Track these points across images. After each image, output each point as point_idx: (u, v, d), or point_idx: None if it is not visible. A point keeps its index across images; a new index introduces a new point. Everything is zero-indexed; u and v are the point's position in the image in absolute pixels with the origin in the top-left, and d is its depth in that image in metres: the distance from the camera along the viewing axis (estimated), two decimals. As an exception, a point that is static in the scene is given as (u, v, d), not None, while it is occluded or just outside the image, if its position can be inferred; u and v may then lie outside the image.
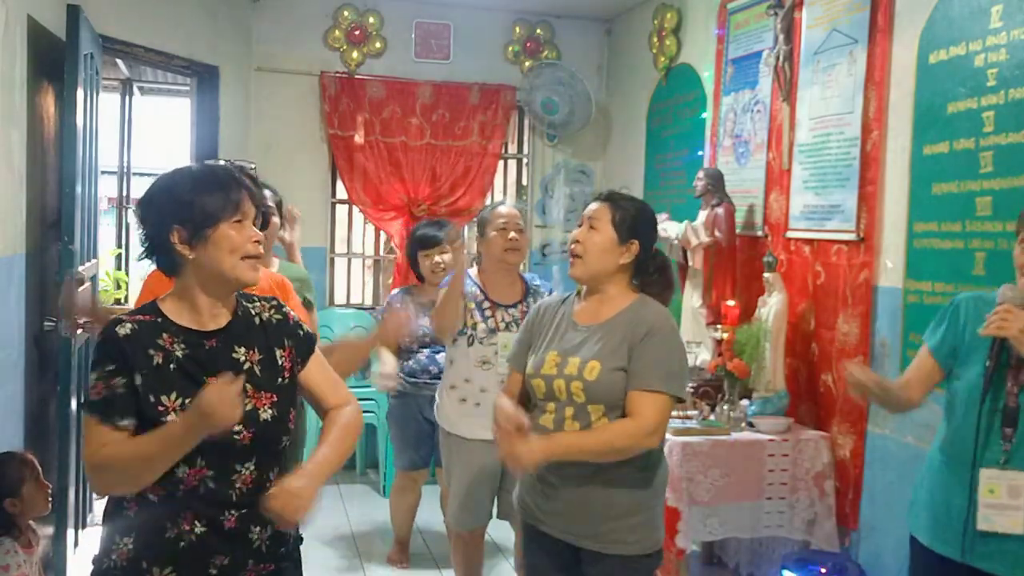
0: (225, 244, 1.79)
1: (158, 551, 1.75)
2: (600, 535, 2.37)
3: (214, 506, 1.78)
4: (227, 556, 1.79)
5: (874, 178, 3.53)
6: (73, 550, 3.89)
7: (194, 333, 1.81)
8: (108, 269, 7.12)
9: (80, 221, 3.81)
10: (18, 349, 3.42)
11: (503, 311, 3.39)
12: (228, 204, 1.80)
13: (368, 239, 6.32)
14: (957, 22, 3.15)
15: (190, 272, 1.82)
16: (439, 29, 5.92)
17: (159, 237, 1.81)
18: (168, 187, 1.83)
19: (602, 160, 6.22)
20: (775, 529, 3.59)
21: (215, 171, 1.86)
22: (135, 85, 7.84)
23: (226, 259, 1.80)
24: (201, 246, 1.79)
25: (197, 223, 1.78)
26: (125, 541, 1.77)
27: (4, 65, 3.14)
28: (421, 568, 4.31)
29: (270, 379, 1.87)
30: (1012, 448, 2.18)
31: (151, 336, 1.78)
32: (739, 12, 4.51)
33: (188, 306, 1.83)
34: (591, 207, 2.50)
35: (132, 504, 1.77)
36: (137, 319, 1.80)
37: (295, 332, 1.95)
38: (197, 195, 1.79)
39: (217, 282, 1.82)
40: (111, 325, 1.79)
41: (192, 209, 1.78)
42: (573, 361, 2.38)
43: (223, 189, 1.81)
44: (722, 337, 3.85)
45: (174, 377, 1.77)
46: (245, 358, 1.85)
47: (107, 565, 1.78)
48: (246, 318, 1.90)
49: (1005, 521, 2.17)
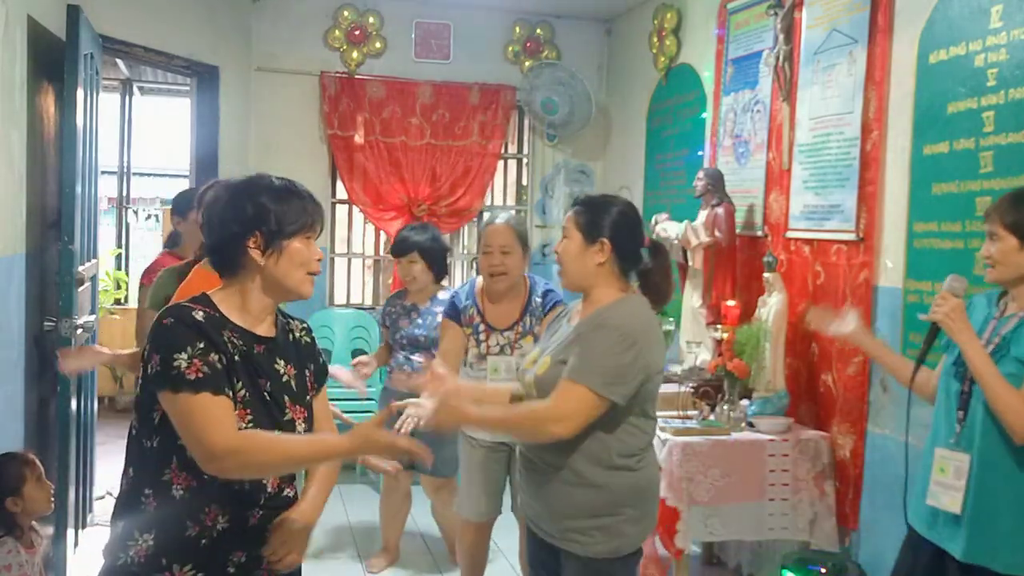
0: (297, 258, 1.85)
1: (179, 548, 1.76)
2: (559, 532, 2.40)
3: (243, 503, 1.81)
4: (245, 553, 1.81)
5: (874, 178, 3.53)
6: (73, 550, 3.89)
7: (248, 334, 1.85)
8: (108, 269, 7.13)
9: (80, 221, 3.81)
10: (18, 349, 3.42)
11: (497, 335, 3.36)
12: (306, 218, 1.86)
13: (368, 239, 6.32)
14: (957, 22, 3.15)
15: (254, 277, 1.85)
16: (439, 29, 5.92)
17: (232, 239, 1.83)
18: (252, 192, 1.85)
19: (602, 160, 6.22)
20: (777, 530, 3.59)
21: (295, 185, 1.90)
22: (135, 85, 7.85)
23: (295, 272, 1.85)
24: (275, 255, 1.83)
25: (274, 232, 1.82)
26: (145, 537, 1.77)
27: (4, 65, 3.15)
28: (421, 568, 4.31)
29: (302, 395, 1.92)
30: (962, 430, 2.32)
31: (217, 326, 1.80)
32: (739, 12, 4.51)
33: (239, 306, 1.86)
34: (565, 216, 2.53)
35: (151, 500, 1.78)
36: (202, 309, 1.81)
37: (317, 358, 2.02)
38: (279, 204, 1.83)
39: (278, 291, 1.87)
40: (182, 309, 1.79)
41: (272, 217, 1.81)
42: (542, 358, 2.44)
43: (302, 203, 1.86)
44: (722, 337, 3.85)
45: (239, 368, 1.79)
46: (284, 371, 1.89)
47: (123, 561, 1.78)
48: (285, 333, 1.95)
49: (947, 500, 2.31)
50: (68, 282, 3.68)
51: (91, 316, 4.10)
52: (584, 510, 2.37)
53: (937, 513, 2.35)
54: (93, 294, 4.35)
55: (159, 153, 11.40)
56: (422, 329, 4.03)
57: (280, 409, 1.84)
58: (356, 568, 4.28)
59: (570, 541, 2.38)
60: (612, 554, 2.36)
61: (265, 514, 1.84)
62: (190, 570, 1.76)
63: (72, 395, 3.82)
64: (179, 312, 1.78)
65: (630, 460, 2.37)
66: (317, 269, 1.89)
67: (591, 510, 2.36)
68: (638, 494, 2.39)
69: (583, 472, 2.35)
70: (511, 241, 3.26)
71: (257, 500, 1.82)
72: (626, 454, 2.36)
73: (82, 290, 3.90)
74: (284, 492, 1.90)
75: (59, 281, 3.70)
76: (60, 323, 3.64)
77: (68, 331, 3.66)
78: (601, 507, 2.36)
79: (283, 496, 1.89)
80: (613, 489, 2.36)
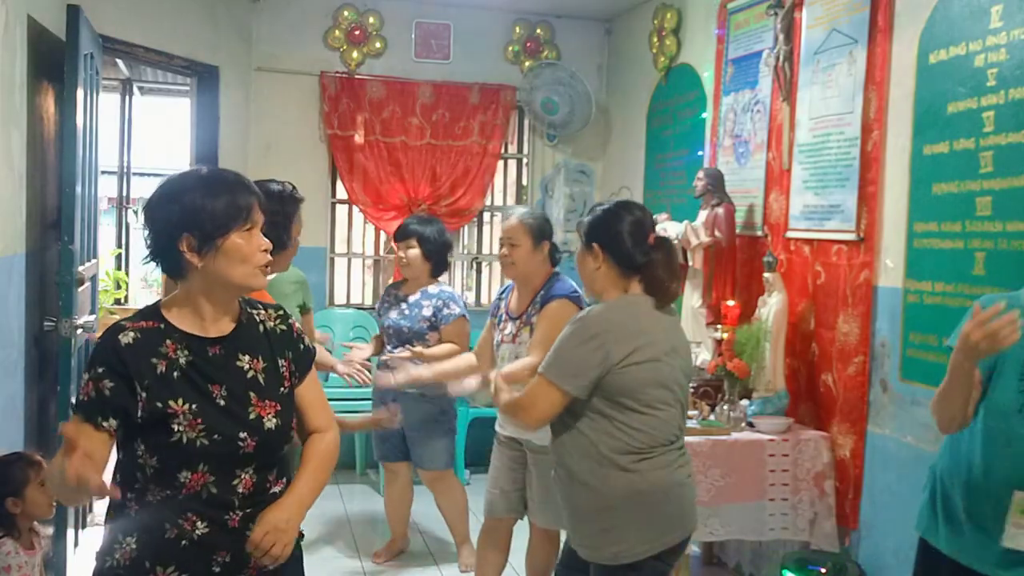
0: (236, 254, 1.77)
1: (160, 550, 1.76)
2: (571, 535, 2.47)
3: (216, 508, 1.78)
4: (229, 552, 1.80)
5: (874, 178, 3.53)
6: (73, 550, 3.89)
7: (197, 340, 1.79)
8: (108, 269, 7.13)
9: (80, 221, 3.81)
10: (18, 349, 3.42)
11: (510, 323, 3.43)
12: (239, 212, 1.77)
13: (368, 239, 6.32)
14: (957, 22, 3.15)
15: (197, 279, 1.79)
16: (439, 29, 5.92)
17: (166, 243, 1.77)
18: (177, 192, 1.77)
19: (602, 160, 6.22)
20: (777, 530, 3.59)
21: (224, 176, 1.82)
22: (135, 85, 7.84)
23: (237, 269, 1.77)
24: (211, 255, 1.75)
25: (207, 232, 1.74)
26: (127, 541, 1.77)
27: (4, 65, 3.14)
28: (421, 567, 4.32)
29: (274, 388, 1.86)
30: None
31: (154, 343, 1.76)
32: (739, 12, 4.51)
33: (192, 311, 1.81)
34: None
35: (133, 504, 1.78)
36: (140, 326, 1.77)
37: (296, 345, 1.94)
38: (207, 202, 1.75)
39: (224, 290, 1.81)
40: (112, 331, 1.76)
41: (202, 216, 1.74)
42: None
43: (232, 196, 1.77)
44: (722, 337, 3.85)
45: (179, 383, 1.75)
46: (249, 366, 1.84)
47: (110, 564, 1.78)
48: (250, 325, 1.88)
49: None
50: (68, 282, 3.68)
51: (91, 316, 4.10)
52: (583, 510, 2.39)
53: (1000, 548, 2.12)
54: (93, 294, 4.35)
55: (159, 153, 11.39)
56: (407, 321, 4.04)
57: (242, 408, 1.79)
58: (355, 565, 4.28)
59: (578, 545, 2.41)
60: (612, 560, 2.36)
61: (245, 515, 1.80)
62: (173, 571, 1.76)
63: (72, 395, 3.82)
64: (109, 333, 1.77)
65: (623, 459, 2.35)
66: (263, 261, 1.80)
67: (588, 511, 2.38)
68: (635, 497, 2.35)
69: (573, 469, 2.39)
70: (518, 234, 3.38)
71: (231, 504, 1.79)
72: (619, 451, 2.35)
73: (82, 290, 3.90)
74: (271, 490, 1.85)
75: (59, 281, 3.70)
76: (60, 323, 3.64)
77: (68, 331, 3.66)
78: (597, 508, 2.37)
79: (270, 494, 1.85)
80: (604, 490, 2.35)
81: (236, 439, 1.77)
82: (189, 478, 1.75)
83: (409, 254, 4.07)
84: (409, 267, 4.08)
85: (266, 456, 1.83)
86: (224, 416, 1.77)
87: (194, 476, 1.75)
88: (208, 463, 1.75)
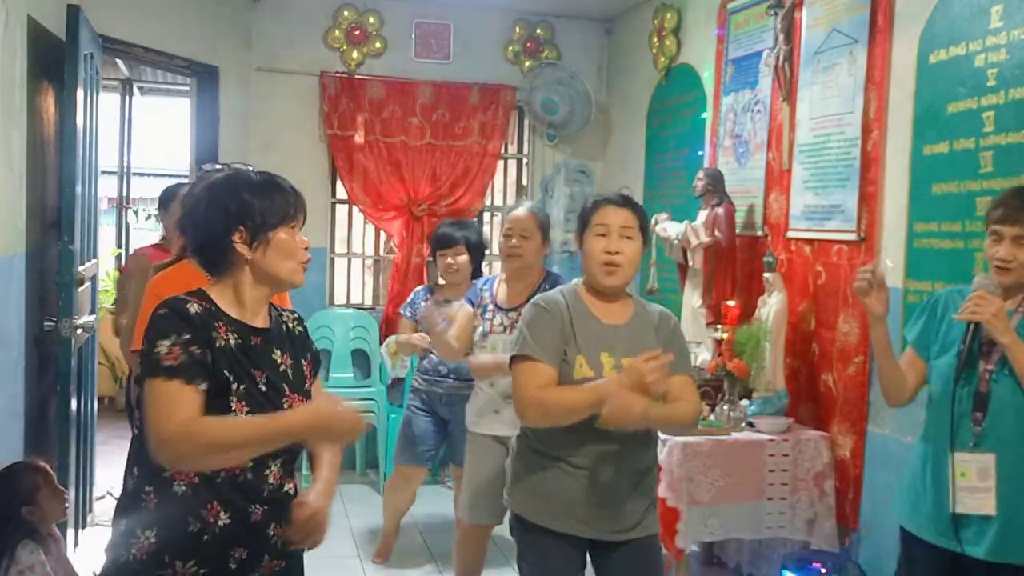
0: (284, 248, 1.88)
1: (181, 545, 1.77)
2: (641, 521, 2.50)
3: (246, 498, 1.81)
4: (246, 549, 1.82)
5: (874, 178, 3.53)
6: (73, 550, 3.89)
7: (244, 326, 1.87)
8: (108, 269, 7.13)
9: (80, 221, 3.82)
10: (18, 349, 3.42)
11: (502, 314, 3.39)
12: (287, 209, 1.89)
13: (368, 239, 6.32)
14: (957, 22, 3.15)
15: (245, 271, 1.87)
16: (439, 29, 5.92)
17: (218, 236, 1.85)
18: (232, 188, 1.87)
19: (602, 160, 6.22)
20: (776, 530, 3.59)
21: (274, 177, 1.94)
22: (135, 85, 7.85)
23: (283, 263, 1.88)
24: (261, 248, 1.86)
25: (259, 225, 1.85)
26: (146, 535, 1.77)
27: (4, 65, 3.14)
28: (420, 565, 4.32)
29: (300, 384, 1.95)
30: (982, 431, 2.27)
31: (212, 320, 1.82)
32: (739, 12, 4.51)
33: (234, 300, 1.88)
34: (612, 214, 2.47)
35: (151, 497, 1.78)
36: (197, 302, 1.83)
37: (311, 348, 2.06)
38: (261, 198, 1.86)
39: (270, 282, 1.90)
40: (175, 302, 1.81)
41: (255, 211, 1.84)
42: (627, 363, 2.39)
43: (283, 194, 1.89)
44: (722, 337, 3.85)
45: (235, 361, 1.81)
46: (281, 360, 1.92)
47: (125, 559, 1.78)
48: (279, 324, 1.98)
49: (974, 503, 2.25)
50: (68, 282, 3.68)
51: (91, 316, 4.11)
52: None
53: (953, 518, 2.29)
54: (93, 294, 4.35)
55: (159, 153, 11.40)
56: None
57: (279, 397, 1.86)
58: (355, 566, 4.28)
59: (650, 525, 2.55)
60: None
61: (267, 510, 1.84)
62: (192, 566, 1.77)
63: (72, 395, 3.82)
64: (174, 303, 1.80)
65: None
66: (306, 257, 1.92)
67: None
68: None
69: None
70: (531, 227, 3.40)
71: (260, 494, 1.82)
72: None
73: (82, 290, 3.91)
74: (284, 487, 1.90)
75: (59, 281, 3.71)
76: (60, 323, 3.64)
77: (68, 331, 3.66)
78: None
79: (284, 491, 1.89)
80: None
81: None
82: None
83: (459, 260, 4.02)
84: (458, 272, 4.03)
85: (291, 450, 1.89)
86: (265, 401, 1.83)
87: None
88: None
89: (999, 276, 2.30)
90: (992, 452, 2.25)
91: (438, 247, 4.11)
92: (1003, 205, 2.30)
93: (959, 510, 2.28)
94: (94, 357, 4.43)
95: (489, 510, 3.45)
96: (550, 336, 2.42)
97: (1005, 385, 2.27)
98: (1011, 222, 2.26)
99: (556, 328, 2.43)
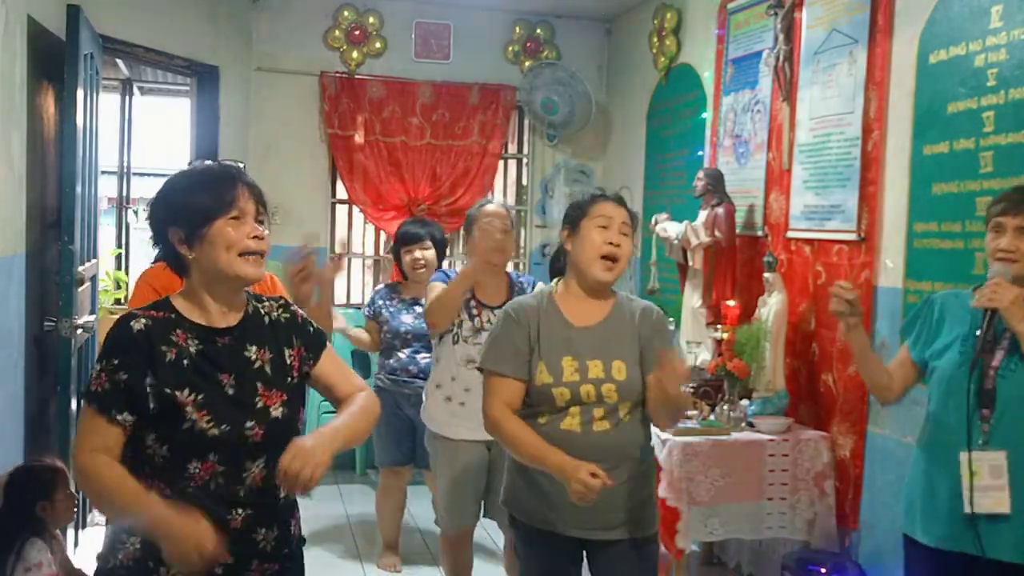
0: (220, 241, 1.81)
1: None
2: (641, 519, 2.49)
3: (222, 504, 1.78)
4: (232, 555, 1.78)
5: (874, 178, 3.53)
6: (73, 550, 3.89)
7: (206, 330, 1.84)
8: (108, 269, 7.12)
9: (80, 221, 3.81)
10: (18, 349, 3.42)
11: (488, 311, 3.35)
12: (221, 202, 1.82)
13: (368, 239, 6.32)
14: (957, 22, 3.15)
15: (195, 272, 1.85)
16: (439, 29, 5.92)
17: (162, 239, 1.86)
18: (166, 190, 1.88)
19: (602, 160, 6.22)
20: (776, 530, 3.59)
21: (210, 170, 1.90)
22: (135, 85, 7.83)
23: (222, 256, 1.81)
24: (199, 245, 1.82)
25: (192, 223, 1.81)
26: (131, 540, 1.77)
27: (4, 65, 3.14)
28: (420, 566, 4.32)
29: (280, 378, 1.89)
30: (991, 429, 2.24)
31: (164, 332, 1.79)
32: (739, 12, 4.51)
33: (197, 304, 1.86)
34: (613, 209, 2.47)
35: None
36: (151, 315, 1.82)
37: (304, 330, 1.97)
38: (190, 195, 1.83)
39: (219, 280, 1.84)
40: (124, 319, 1.80)
41: (186, 209, 1.82)
42: (594, 364, 2.39)
43: (216, 187, 1.83)
44: (722, 337, 3.84)
45: (187, 373, 1.78)
46: (256, 356, 1.87)
47: (112, 564, 1.78)
48: (256, 317, 1.92)
49: (989, 502, 2.22)
50: (68, 282, 3.68)
51: (91, 316, 4.10)
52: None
53: (970, 520, 2.24)
54: (93, 294, 4.35)
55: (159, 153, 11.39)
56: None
57: (249, 398, 1.82)
58: (354, 565, 4.28)
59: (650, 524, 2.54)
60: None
61: (251, 514, 1.81)
62: (176, 572, 1.74)
63: (72, 395, 3.82)
64: (121, 322, 1.80)
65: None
66: (254, 247, 1.83)
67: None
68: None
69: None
70: (508, 222, 3.40)
71: (237, 499, 1.79)
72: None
73: (82, 290, 3.91)
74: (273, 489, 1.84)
75: (59, 281, 3.70)
76: (60, 323, 3.64)
77: (68, 331, 3.66)
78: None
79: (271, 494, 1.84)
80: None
81: (243, 428, 1.78)
82: (199, 468, 1.76)
83: (427, 255, 4.07)
84: (427, 268, 4.06)
85: (275, 447, 1.80)
86: (232, 405, 1.80)
87: (204, 466, 1.76)
88: (218, 453, 1.77)
89: (1003, 268, 2.28)
90: (1003, 449, 2.22)
91: (403, 244, 4.14)
92: (1004, 200, 2.32)
93: (976, 510, 2.22)
94: (94, 357, 4.43)
95: (470, 511, 3.44)
96: (515, 346, 2.42)
97: (1013, 380, 2.24)
98: (1013, 213, 2.26)
99: (523, 336, 2.42)
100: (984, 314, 2.28)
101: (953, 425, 2.29)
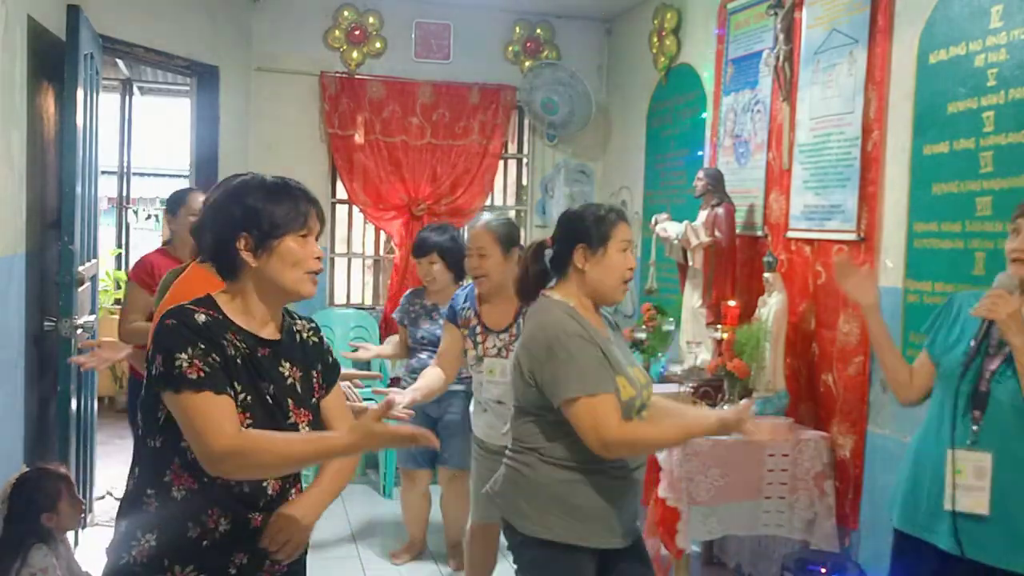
0: (289, 257, 1.82)
1: (181, 549, 1.76)
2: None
3: (245, 505, 1.80)
4: (247, 554, 1.81)
5: (874, 178, 3.53)
6: (73, 550, 3.89)
7: (252, 337, 1.84)
8: (108, 269, 7.13)
9: (80, 221, 3.82)
10: (18, 349, 3.42)
11: (493, 337, 3.30)
12: (297, 217, 1.83)
13: (368, 239, 6.33)
14: (957, 22, 3.15)
15: (249, 278, 1.84)
16: (439, 29, 5.92)
17: (223, 243, 1.83)
18: (240, 193, 1.85)
19: (602, 160, 6.22)
20: (774, 528, 3.59)
21: (287, 183, 1.89)
22: (135, 85, 7.85)
23: (289, 272, 1.83)
24: (265, 256, 1.82)
25: (264, 232, 1.81)
26: (147, 538, 1.77)
27: (4, 65, 3.15)
28: (421, 565, 4.32)
29: (307, 397, 1.91)
30: (980, 430, 2.28)
31: (221, 329, 1.80)
32: (739, 12, 4.51)
33: (243, 309, 1.85)
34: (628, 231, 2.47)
35: (152, 500, 1.78)
36: (203, 311, 1.80)
37: (326, 358, 2.00)
38: (267, 204, 1.82)
39: (275, 292, 1.85)
40: (181, 312, 1.78)
41: (261, 218, 1.81)
42: (635, 372, 2.47)
43: (293, 202, 1.84)
44: (722, 337, 3.84)
45: (241, 371, 1.79)
46: (289, 373, 1.88)
47: (126, 561, 1.78)
48: (291, 334, 1.93)
49: (970, 501, 2.25)
50: (68, 282, 3.69)
51: (91, 316, 4.10)
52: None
53: (951, 518, 2.29)
54: (93, 294, 4.35)
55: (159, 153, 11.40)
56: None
57: (283, 412, 1.84)
58: (355, 566, 4.28)
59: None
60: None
61: (267, 516, 1.84)
62: (192, 571, 1.76)
63: (72, 395, 3.82)
64: (181, 314, 1.78)
65: None
66: (315, 267, 1.86)
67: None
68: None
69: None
70: (487, 243, 3.27)
71: (257, 503, 1.82)
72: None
73: (82, 290, 3.91)
74: (289, 493, 1.89)
75: (59, 281, 3.71)
76: (60, 323, 3.64)
77: (68, 331, 3.66)
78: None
79: (288, 498, 1.88)
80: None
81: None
82: None
83: (433, 270, 4.07)
84: (435, 281, 4.07)
85: None
86: (270, 413, 1.81)
87: None
88: None
89: (1017, 269, 2.30)
90: (989, 451, 2.26)
91: (414, 254, 4.18)
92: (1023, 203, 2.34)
93: (956, 508, 2.28)
94: (94, 357, 4.42)
95: (492, 508, 3.45)
96: (601, 362, 2.34)
97: (1006, 387, 2.27)
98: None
99: (599, 353, 2.35)
100: (983, 321, 2.32)
101: (945, 422, 2.34)
